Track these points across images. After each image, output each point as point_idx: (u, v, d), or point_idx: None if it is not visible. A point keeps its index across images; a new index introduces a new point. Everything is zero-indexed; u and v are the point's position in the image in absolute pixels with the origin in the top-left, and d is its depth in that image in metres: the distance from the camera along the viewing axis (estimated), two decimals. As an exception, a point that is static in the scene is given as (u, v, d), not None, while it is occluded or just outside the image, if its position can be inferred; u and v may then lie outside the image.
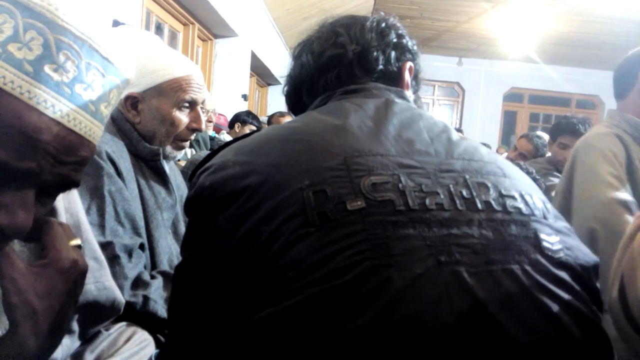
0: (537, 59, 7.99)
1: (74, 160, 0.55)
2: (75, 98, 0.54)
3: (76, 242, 0.64)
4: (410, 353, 0.52)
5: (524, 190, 0.67)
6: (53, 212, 0.72)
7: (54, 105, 0.52)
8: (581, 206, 1.45)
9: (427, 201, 0.60)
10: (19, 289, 0.56)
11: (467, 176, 0.65)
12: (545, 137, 3.62)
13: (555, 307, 0.57)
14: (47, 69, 0.52)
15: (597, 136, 1.55)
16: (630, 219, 1.34)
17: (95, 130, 0.57)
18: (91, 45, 0.55)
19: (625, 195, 1.38)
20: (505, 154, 4.43)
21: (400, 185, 0.61)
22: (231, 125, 4.15)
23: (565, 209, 1.46)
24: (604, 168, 1.43)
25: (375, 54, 0.85)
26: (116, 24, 2.35)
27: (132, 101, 1.21)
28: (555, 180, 2.53)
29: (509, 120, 9.83)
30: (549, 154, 3.02)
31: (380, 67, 0.85)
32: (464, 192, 0.63)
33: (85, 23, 0.55)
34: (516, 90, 9.57)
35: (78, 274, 0.61)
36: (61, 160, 0.54)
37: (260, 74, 6.51)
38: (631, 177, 1.42)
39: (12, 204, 0.52)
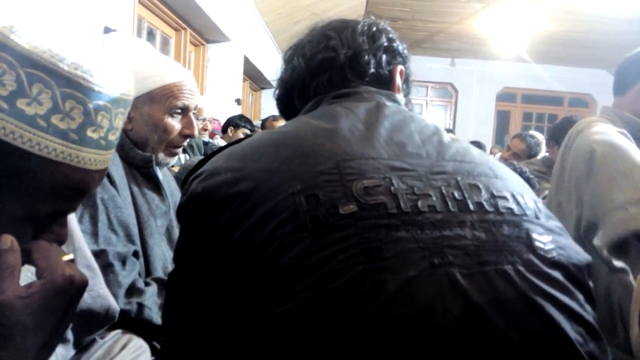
0: (528, 59, 8.02)
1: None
2: (110, 144, 0.61)
3: (68, 257, 0.64)
4: (405, 355, 0.52)
5: (515, 190, 0.67)
6: None
7: (96, 160, 0.59)
8: (580, 142, 1.37)
9: (420, 203, 0.61)
10: (10, 313, 0.56)
11: (458, 178, 0.65)
12: (539, 136, 3.64)
13: (549, 307, 0.57)
14: (89, 132, 0.57)
15: (588, 121, 1.53)
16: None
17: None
18: (120, 97, 0.60)
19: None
20: (499, 154, 4.45)
21: (392, 188, 0.61)
22: (224, 129, 4.15)
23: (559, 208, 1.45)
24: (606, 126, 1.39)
25: (366, 57, 0.85)
26: (107, 30, 2.35)
27: (124, 108, 1.21)
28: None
29: (502, 120, 9.86)
30: (545, 154, 2.95)
31: (372, 70, 0.86)
32: (456, 194, 0.63)
33: (112, 77, 0.59)
34: (509, 89, 9.60)
35: (75, 289, 0.62)
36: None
37: (253, 78, 6.51)
38: None
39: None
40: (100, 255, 1.04)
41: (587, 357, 0.58)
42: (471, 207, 0.62)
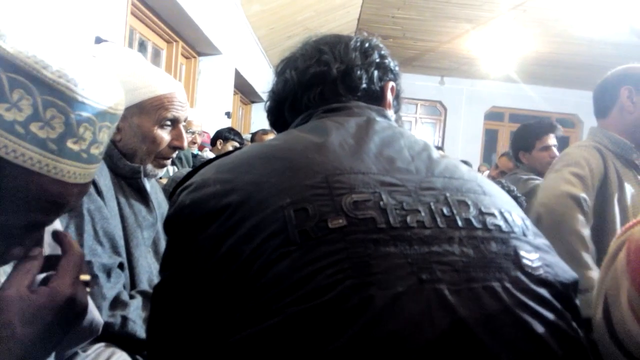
0: (516, 79, 8.15)
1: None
2: (92, 158, 0.59)
3: (85, 277, 0.65)
4: None
5: (503, 207, 0.68)
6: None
7: (75, 173, 0.57)
8: (538, 194, 1.49)
9: (409, 219, 0.61)
10: (6, 309, 0.57)
11: (447, 194, 0.65)
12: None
13: (536, 324, 0.57)
14: (69, 143, 0.56)
15: (575, 147, 1.59)
16: (580, 217, 1.36)
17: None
18: (106, 111, 0.59)
19: (581, 192, 1.40)
20: (487, 172, 4.49)
21: (381, 203, 0.61)
22: (213, 142, 4.14)
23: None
24: (569, 169, 1.47)
25: (359, 72, 0.86)
26: (99, 41, 2.34)
27: (113, 118, 1.20)
28: (537, 181, 2.47)
29: (490, 139, 9.96)
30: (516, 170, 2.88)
31: (364, 85, 0.86)
32: (445, 210, 0.63)
33: (98, 88, 0.58)
34: (497, 109, 9.72)
35: (73, 312, 0.62)
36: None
37: (244, 91, 6.52)
38: (604, 188, 1.44)
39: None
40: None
41: None
42: (459, 223, 0.62)
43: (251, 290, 0.57)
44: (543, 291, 0.61)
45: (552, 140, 2.65)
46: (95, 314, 0.86)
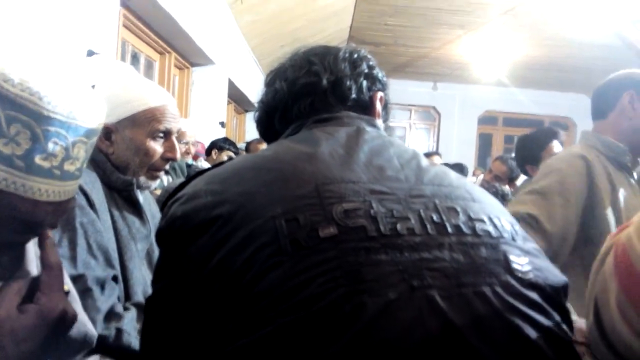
0: (509, 83, 8.19)
1: None
2: (67, 175, 0.57)
3: (65, 288, 0.64)
4: None
5: (492, 213, 0.69)
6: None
7: (47, 190, 0.55)
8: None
9: (399, 226, 0.61)
10: (2, 325, 0.57)
11: (436, 201, 0.66)
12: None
13: (527, 328, 0.58)
14: (37, 160, 0.53)
15: (559, 156, 1.60)
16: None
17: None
18: (79, 125, 0.56)
19: (531, 209, 1.40)
20: (482, 176, 4.50)
21: (371, 211, 0.62)
22: (208, 152, 4.14)
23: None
24: (530, 186, 1.48)
25: (348, 83, 0.86)
26: (91, 54, 2.35)
27: (106, 132, 1.20)
28: None
29: (484, 143, 10.00)
30: (524, 177, 2.88)
31: (354, 95, 0.87)
32: (434, 217, 0.64)
33: (68, 101, 0.55)
34: (490, 113, 9.76)
35: (64, 324, 0.61)
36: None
37: (238, 101, 6.53)
38: (591, 194, 1.45)
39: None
40: (78, 280, 1.02)
41: None
42: (449, 229, 0.63)
43: (244, 300, 0.57)
44: (533, 295, 0.61)
45: (557, 147, 2.63)
46: (89, 327, 0.86)
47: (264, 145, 3.73)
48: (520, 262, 0.64)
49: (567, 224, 1.41)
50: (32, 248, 0.65)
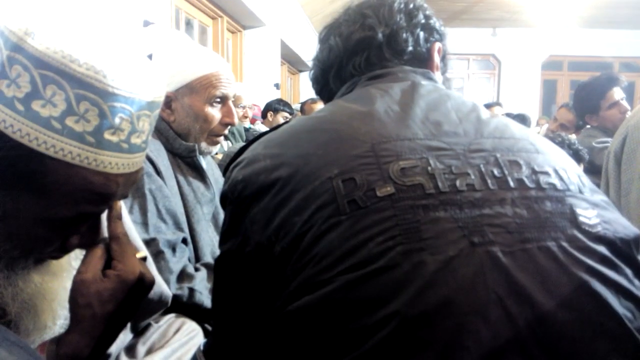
0: (575, 24, 7.68)
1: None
2: (134, 148, 0.59)
3: (141, 254, 0.69)
4: (446, 335, 0.52)
5: (558, 165, 0.66)
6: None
7: (117, 163, 0.57)
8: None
9: (458, 182, 0.60)
10: (86, 292, 0.62)
11: (498, 155, 0.64)
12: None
13: (594, 283, 0.56)
14: (107, 134, 0.56)
15: None
16: None
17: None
18: (142, 99, 0.58)
19: None
20: (547, 125, 4.31)
21: (429, 168, 0.61)
22: (264, 114, 4.19)
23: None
24: None
25: (404, 35, 0.84)
26: (146, 24, 2.40)
27: (166, 100, 1.24)
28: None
29: (548, 90, 9.52)
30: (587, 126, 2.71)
31: (410, 48, 0.84)
32: (495, 171, 0.62)
33: (130, 77, 0.57)
34: (555, 57, 9.24)
35: (143, 287, 0.66)
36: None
37: (291, 61, 6.52)
38: None
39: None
40: (151, 243, 1.08)
41: (637, 333, 0.56)
42: (511, 184, 0.61)
43: (304, 260, 0.59)
44: (601, 248, 0.59)
45: (618, 94, 2.46)
46: (164, 288, 0.92)
47: (318, 105, 3.73)
48: (588, 215, 0.61)
49: None
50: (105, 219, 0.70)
